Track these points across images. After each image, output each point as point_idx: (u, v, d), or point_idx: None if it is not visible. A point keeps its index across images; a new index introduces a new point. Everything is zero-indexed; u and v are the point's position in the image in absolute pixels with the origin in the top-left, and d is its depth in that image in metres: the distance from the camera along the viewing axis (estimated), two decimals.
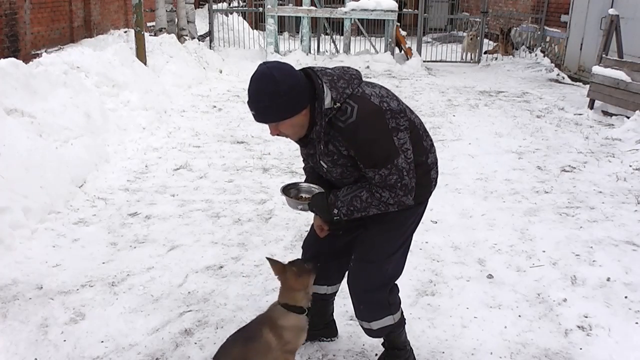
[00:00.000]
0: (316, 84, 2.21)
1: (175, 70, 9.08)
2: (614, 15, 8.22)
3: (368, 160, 2.21)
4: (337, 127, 2.20)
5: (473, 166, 5.81)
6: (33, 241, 3.93)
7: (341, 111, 2.19)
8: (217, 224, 4.36)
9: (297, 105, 2.18)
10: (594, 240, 4.14)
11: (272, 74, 2.15)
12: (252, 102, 2.20)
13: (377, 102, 2.22)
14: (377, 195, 2.24)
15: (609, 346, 2.94)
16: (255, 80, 2.18)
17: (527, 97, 9.50)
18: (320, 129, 2.22)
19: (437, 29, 18.90)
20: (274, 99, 2.14)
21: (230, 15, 14.15)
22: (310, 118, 2.24)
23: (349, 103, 2.19)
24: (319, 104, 2.20)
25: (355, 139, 2.19)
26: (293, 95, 2.16)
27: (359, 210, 2.28)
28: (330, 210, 2.31)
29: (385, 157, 2.19)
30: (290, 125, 2.23)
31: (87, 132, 5.51)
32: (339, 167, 2.30)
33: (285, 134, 2.28)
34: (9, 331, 2.95)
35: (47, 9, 11.15)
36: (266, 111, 2.18)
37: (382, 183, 2.21)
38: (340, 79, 2.24)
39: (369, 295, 2.48)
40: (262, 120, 2.23)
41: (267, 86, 2.14)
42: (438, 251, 3.97)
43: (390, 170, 2.20)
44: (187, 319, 3.13)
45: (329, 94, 2.19)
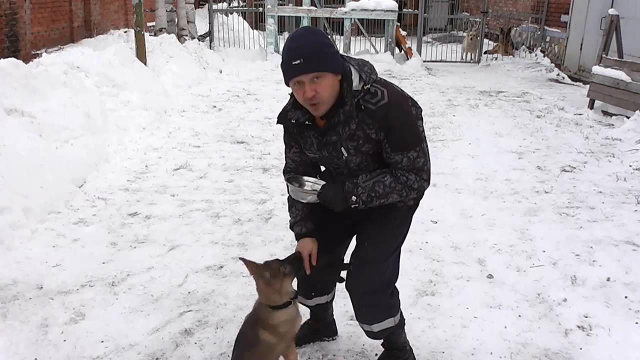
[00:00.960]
0: (345, 65, 2.22)
1: (175, 70, 9.08)
2: (614, 15, 8.22)
3: (399, 142, 2.21)
4: (367, 109, 2.20)
5: (473, 166, 5.81)
6: (33, 241, 3.93)
7: (370, 94, 2.20)
8: (217, 224, 4.36)
9: (340, 64, 2.18)
10: (594, 240, 4.14)
11: (317, 30, 2.23)
12: (300, 50, 2.12)
13: (400, 90, 2.30)
14: (402, 178, 2.25)
15: (609, 346, 2.94)
16: (302, 33, 2.19)
17: (527, 97, 9.50)
18: (351, 108, 2.20)
19: (437, 29, 18.90)
20: (324, 48, 2.14)
21: (230, 15, 14.15)
22: (339, 96, 2.20)
23: (377, 87, 2.22)
24: (349, 84, 2.20)
25: (388, 120, 2.19)
26: (337, 53, 2.19)
27: (380, 196, 2.26)
28: (349, 197, 2.27)
29: (415, 139, 2.24)
30: (330, 85, 2.16)
31: (87, 132, 5.51)
32: (361, 155, 2.27)
33: (322, 95, 2.16)
34: (9, 331, 2.95)
35: (47, 9, 11.16)
36: (316, 58, 2.11)
37: (410, 166, 2.24)
38: (365, 65, 2.27)
39: (370, 297, 2.47)
40: (309, 69, 2.11)
41: (316, 36, 2.16)
42: (438, 251, 3.97)
43: (418, 153, 2.24)
44: (187, 319, 3.13)
45: (357, 75, 2.21)
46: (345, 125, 2.23)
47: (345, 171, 2.37)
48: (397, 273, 2.57)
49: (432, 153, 6.46)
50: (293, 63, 2.12)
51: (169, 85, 8.45)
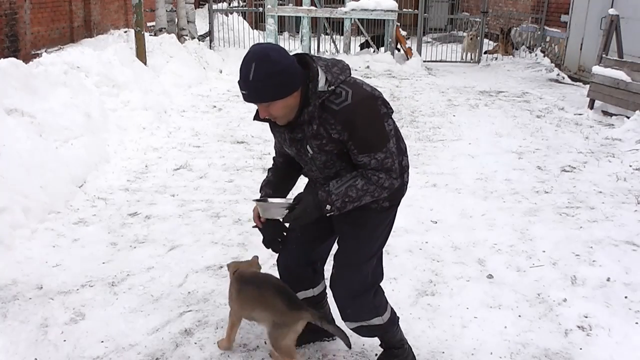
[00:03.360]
0: (312, 67, 2.23)
1: (175, 70, 9.08)
2: (614, 15, 8.21)
3: (365, 144, 2.22)
4: (331, 109, 2.21)
5: (473, 166, 5.81)
6: (33, 241, 3.93)
7: (335, 94, 2.21)
8: (217, 224, 4.36)
9: (291, 85, 2.19)
10: (594, 240, 4.14)
11: (268, 53, 2.15)
12: (245, 82, 2.15)
13: (369, 89, 2.28)
14: (374, 178, 2.25)
15: (609, 346, 2.94)
16: (249, 60, 2.15)
17: (527, 97, 9.50)
18: (314, 109, 2.21)
19: (437, 29, 18.90)
20: (269, 78, 2.13)
21: (230, 15, 14.15)
22: (301, 100, 2.23)
23: (343, 88, 2.22)
24: (314, 85, 2.21)
25: (350, 122, 2.20)
26: (287, 76, 2.17)
27: (353, 200, 2.28)
28: (323, 206, 2.28)
29: (380, 141, 2.24)
30: (282, 107, 2.21)
31: (87, 132, 5.51)
32: (325, 153, 2.29)
33: (275, 115, 2.24)
34: (9, 331, 2.95)
35: (47, 9, 11.16)
36: (261, 90, 2.15)
37: (379, 167, 2.24)
38: (334, 65, 2.28)
39: (353, 300, 2.50)
40: (255, 100, 2.19)
41: (263, 65, 2.13)
42: (438, 251, 3.97)
43: (385, 154, 2.24)
44: (187, 319, 3.13)
45: (323, 77, 2.21)
46: (309, 125, 2.26)
47: (314, 168, 2.39)
48: (381, 274, 2.59)
49: (432, 153, 6.46)
50: (242, 91, 2.18)
51: (169, 85, 8.44)
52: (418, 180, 5.35)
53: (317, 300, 2.83)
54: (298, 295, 2.72)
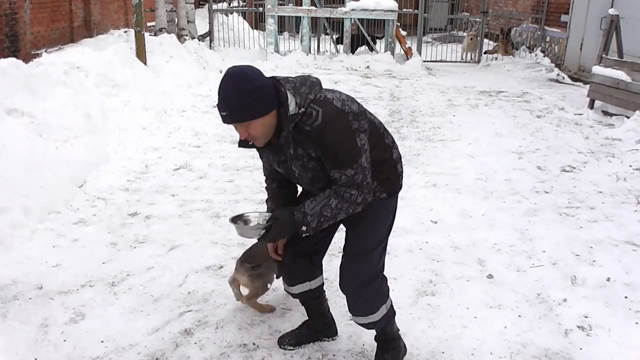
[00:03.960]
0: (280, 92, 2.26)
1: (175, 70, 9.07)
2: (614, 15, 8.21)
3: (334, 161, 2.26)
4: (304, 131, 2.25)
5: (473, 166, 5.81)
6: (33, 241, 3.93)
7: (307, 115, 2.24)
8: (217, 224, 4.36)
9: (269, 104, 2.22)
10: (594, 240, 4.14)
11: (245, 72, 2.20)
12: (224, 102, 2.19)
13: (340, 105, 2.29)
14: (346, 195, 2.29)
15: (609, 346, 2.95)
16: (226, 81, 2.20)
17: (527, 97, 9.50)
18: (288, 134, 2.26)
19: (437, 29, 18.91)
20: (247, 97, 2.16)
21: (230, 15, 14.15)
22: (277, 123, 2.27)
23: (313, 107, 2.25)
24: (284, 110, 2.24)
25: (322, 140, 2.24)
26: (265, 94, 2.20)
27: (329, 219, 2.32)
28: (299, 227, 2.32)
29: (350, 157, 2.26)
30: (261, 125, 2.24)
31: (87, 132, 5.51)
32: (310, 171, 2.34)
33: (254, 135, 2.27)
34: (9, 331, 2.95)
35: (47, 9, 11.16)
36: (239, 110, 2.18)
37: (349, 183, 2.28)
38: (302, 85, 2.30)
39: (364, 289, 2.52)
40: (234, 120, 2.22)
41: (241, 84, 2.17)
42: (438, 251, 3.97)
43: (356, 170, 2.27)
44: (187, 319, 3.13)
45: (292, 100, 2.24)
46: (288, 148, 2.31)
47: (304, 184, 2.46)
48: (384, 265, 2.62)
49: (432, 153, 6.45)
50: (221, 113, 2.21)
51: (169, 85, 8.44)
52: (418, 180, 5.35)
53: (315, 295, 2.83)
54: (295, 288, 2.75)
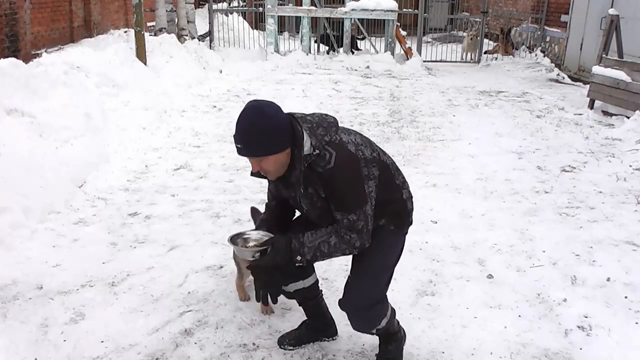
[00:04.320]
0: (296, 131, 2.30)
1: (175, 70, 9.07)
2: (614, 15, 8.21)
3: (340, 204, 2.31)
4: (316, 172, 2.30)
5: (473, 166, 5.81)
6: (33, 241, 3.92)
7: (320, 157, 2.29)
8: (217, 224, 4.36)
9: (284, 142, 2.28)
10: (594, 240, 4.14)
11: (263, 109, 2.26)
12: (240, 135, 2.26)
13: (354, 150, 2.35)
14: (346, 237, 2.33)
15: (609, 346, 2.95)
16: (245, 115, 2.26)
17: (527, 97, 9.50)
18: (300, 173, 2.31)
19: (437, 29, 18.91)
20: (263, 133, 2.23)
21: (230, 15, 14.15)
22: (290, 160, 2.32)
23: (327, 150, 2.30)
24: (299, 151, 2.28)
25: (331, 183, 2.29)
26: (281, 132, 2.27)
27: (324, 255, 2.35)
28: (294, 256, 2.34)
29: (356, 203, 2.31)
30: (274, 162, 2.30)
31: (87, 132, 5.51)
32: (318, 209, 2.39)
33: (267, 170, 2.33)
34: (9, 331, 2.95)
35: (47, 9, 11.15)
36: (255, 145, 2.25)
37: (350, 226, 2.32)
38: (319, 126, 2.34)
39: (367, 312, 2.50)
40: (248, 154, 2.29)
41: (258, 120, 2.23)
42: (438, 251, 3.97)
43: (358, 217, 2.31)
44: (187, 319, 3.13)
45: (308, 141, 2.29)
46: (299, 187, 2.36)
47: (310, 218, 2.49)
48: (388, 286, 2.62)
49: (432, 153, 6.46)
50: (236, 145, 2.29)
51: (169, 85, 8.44)
52: (418, 180, 5.35)
53: (311, 295, 2.83)
54: (289, 287, 2.74)
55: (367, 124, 7.46)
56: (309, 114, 2.43)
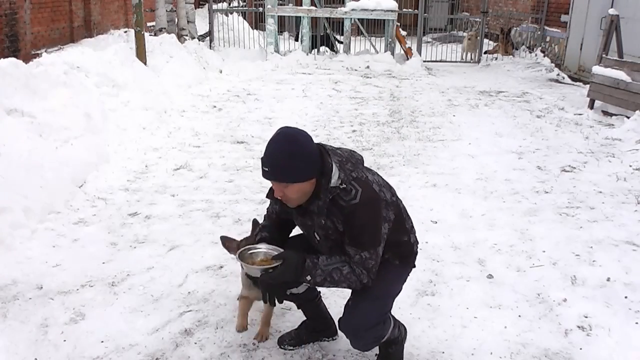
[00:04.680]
0: (326, 162, 2.33)
1: (175, 70, 9.07)
2: (614, 15, 8.22)
3: (356, 240, 2.33)
4: (339, 205, 2.33)
5: (473, 166, 5.81)
6: (33, 241, 3.93)
7: (346, 191, 2.32)
8: (217, 224, 4.36)
9: (311, 172, 2.30)
10: (594, 240, 4.14)
11: (296, 137, 2.30)
12: (269, 160, 2.29)
13: (377, 189, 2.38)
14: (357, 271, 2.35)
15: (609, 346, 2.95)
16: (277, 140, 2.30)
17: (527, 97, 9.50)
18: (324, 204, 2.34)
19: (437, 29, 18.91)
20: (292, 161, 2.26)
21: (230, 15, 14.15)
22: (315, 190, 2.34)
23: (354, 185, 2.33)
24: (326, 181, 2.31)
25: (351, 218, 2.31)
26: (310, 162, 2.29)
27: (333, 282, 2.34)
28: (304, 275, 2.32)
29: (371, 242, 2.34)
30: (298, 190, 2.32)
31: (87, 132, 5.51)
32: (331, 241, 2.40)
33: (289, 197, 2.34)
34: (9, 331, 2.95)
35: (47, 9, 11.16)
36: (282, 171, 2.28)
37: (360, 263, 2.33)
38: (348, 161, 2.38)
39: (367, 332, 2.48)
40: (274, 179, 2.31)
41: (290, 147, 2.27)
42: (438, 251, 3.97)
43: (371, 255, 2.34)
44: (187, 319, 3.13)
45: (336, 173, 2.33)
46: (318, 217, 2.39)
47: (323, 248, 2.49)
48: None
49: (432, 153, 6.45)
50: (263, 168, 2.32)
51: (169, 85, 8.44)
52: (418, 180, 5.35)
53: (309, 297, 2.83)
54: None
55: (367, 124, 7.46)
56: (338, 147, 2.47)
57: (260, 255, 2.52)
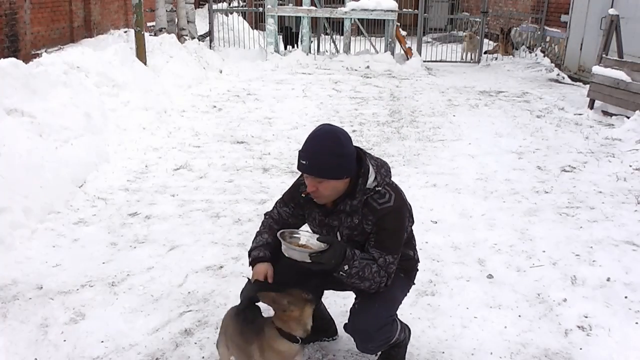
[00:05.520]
0: (365, 163, 2.37)
1: (175, 70, 9.07)
2: (614, 15, 8.21)
3: (384, 243, 2.38)
4: (372, 206, 2.37)
5: (473, 166, 5.81)
6: (33, 241, 3.93)
7: (379, 194, 2.37)
8: (217, 224, 4.36)
9: (348, 171, 2.33)
10: (594, 240, 4.14)
11: (338, 135, 2.34)
12: (309, 153, 2.30)
13: (405, 198, 2.47)
14: (381, 273, 2.37)
15: (609, 346, 2.95)
16: (319, 135, 2.33)
17: (527, 97, 9.50)
18: (359, 204, 2.36)
19: (437, 29, 18.91)
20: (332, 157, 2.28)
21: (230, 15, 14.15)
22: (350, 190, 2.37)
23: (387, 190, 2.40)
24: (364, 182, 2.35)
25: (383, 221, 2.36)
26: (348, 161, 2.33)
27: (361, 278, 2.33)
28: (344, 264, 2.28)
29: (397, 247, 2.41)
30: (332, 187, 2.34)
31: (87, 132, 5.51)
32: (352, 243, 2.41)
33: (322, 193, 2.35)
34: (9, 331, 2.95)
35: (47, 9, 11.16)
36: (321, 167, 2.29)
37: (383, 266, 2.36)
38: (382, 167, 2.44)
39: (379, 332, 2.48)
40: (312, 173, 2.31)
41: (331, 143, 2.30)
42: (438, 251, 3.97)
43: (395, 260, 2.39)
44: (187, 319, 3.13)
45: (373, 175, 2.38)
46: (349, 216, 2.41)
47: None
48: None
49: (432, 153, 6.45)
50: (301, 161, 2.33)
51: (169, 85, 8.44)
52: (418, 180, 5.35)
53: None
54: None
55: (367, 124, 7.46)
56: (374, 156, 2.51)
57: (302, 239, 2.43)
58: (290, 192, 2.62)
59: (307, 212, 2.56)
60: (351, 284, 2.37)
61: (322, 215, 2.48)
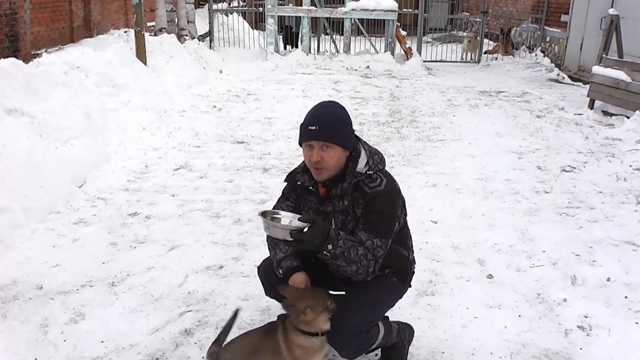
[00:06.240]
0: (356, 146, 2.42)
1: (175, 70, 9.08)
2: (614, 15, 8.22)
3: (372, 226, 2.36)
4: (362, 190, 2.38)
5: (473, 166, 5.81)
6: (33, 241, 3.93)
7: (371, 179, 2.40)
8: (217, 224, 4.36)
9: (351, 142, 2.41)
10: (594, 240, 4.14)
11: (341, 106, 2.45)
12: (319, 119, 2.35)
13: (398, 187, 2.49)
14: (368, 256, 2.34)
15: (609, 346, 2.94)
16: (326, 105, 2.44)
17: (527, 97, 9.50)
18: (348, 186, 2.38)
19: (437, 29, 18.92)
20: (341, 124, 2.38)
21: (230, 15, 14.16)
22: (342, 172, 2.40)
23: (379, 175, 2.42)
24: (354, 164, 2.39)
25: (373, 204, 2.36)
26: (352, 133, 2.43)
27: (346, 260, 2.28)
28: (326, 244, 2.23)
29: (386, 231, 2.39)
30: (336, 157, 2.36)
31: (87, 132, 5.51)
32: (347, 229, 2.42)
33: (326, 163, 2.36)
34: (9, 331, 2.95)
35: (47, 9, 11.16)
36: (330, 130, 2.34)
37: (371, 249, 2.34)
38: (375, 154, 2.48)
39: (353, 339, 2.43)
40: (321, 136, 2.33)
41: (340, 112, 2.42)
42: (438, 251, 3.97)
43: (383, 244, 2.37)
44: (187, 319, 3.13)
45: (364, 160, 2.41)
46: (340, 200, 2.42)
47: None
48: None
49: (432, 153, 6.45)
50: (309, 128, 2.35)
51: (169, 85, 8.44)
52: (418, 180, 5.35)
53: None
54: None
55: (367, 124, 7.46)
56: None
57: (285, 219, 2.37)
58: (288, 184, 2.62)
59: (302, 203, 2.57)
60: (337, 267, 2.31)
61: (317, 203, 2.50)
